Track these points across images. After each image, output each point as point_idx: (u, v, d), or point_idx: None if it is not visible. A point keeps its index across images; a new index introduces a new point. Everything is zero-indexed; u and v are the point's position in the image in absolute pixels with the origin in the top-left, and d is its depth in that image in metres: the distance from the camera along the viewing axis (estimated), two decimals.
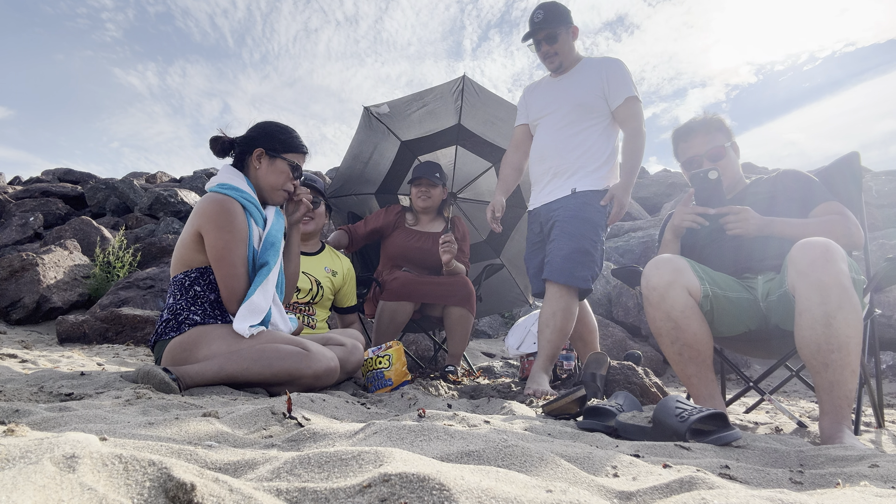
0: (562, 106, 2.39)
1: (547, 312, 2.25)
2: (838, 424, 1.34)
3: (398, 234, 2.95)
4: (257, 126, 1.86)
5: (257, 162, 1.81)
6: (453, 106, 3.12)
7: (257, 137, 1.82)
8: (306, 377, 1.64)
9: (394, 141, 3.38)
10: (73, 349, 3.06)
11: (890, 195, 6.22)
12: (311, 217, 2.42)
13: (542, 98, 2.49)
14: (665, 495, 0.65)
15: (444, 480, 0.54)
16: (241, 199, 1.71)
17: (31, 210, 7.62)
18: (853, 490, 0.71)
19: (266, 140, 1.82)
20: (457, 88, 3.02)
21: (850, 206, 1.78)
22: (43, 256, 4.70)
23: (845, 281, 1.38)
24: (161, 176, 11.56)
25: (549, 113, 2.43)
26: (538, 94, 2.52)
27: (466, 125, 3.21)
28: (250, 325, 1.64)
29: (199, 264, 1.71)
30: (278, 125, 1.87)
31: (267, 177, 1.81)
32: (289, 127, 1.88)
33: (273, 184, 1.82)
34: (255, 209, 1.76)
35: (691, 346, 1.59)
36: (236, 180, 1.76)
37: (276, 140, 1.82)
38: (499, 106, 3.08)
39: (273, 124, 1.86)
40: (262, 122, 1.88)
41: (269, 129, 1.84)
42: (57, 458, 0.49)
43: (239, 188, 1.74)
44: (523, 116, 2.58)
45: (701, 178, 1.76)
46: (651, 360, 4.10)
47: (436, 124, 3.27)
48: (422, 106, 3.16)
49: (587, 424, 1.30)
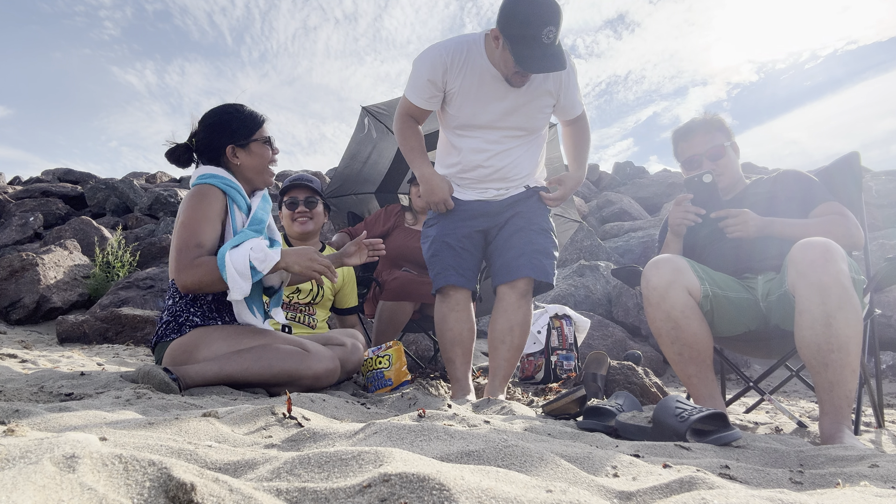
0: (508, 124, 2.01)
1: (503, 326, 1.94)
2: (838, 424, 1.34)
3: (398, 234, 2.95)
4: (208, 126, 1.76)
5: (234, 158, 1.76)
6: None
7: (219, 136, 1.75)
8: (306, 378, 1.64)
9: (393, 140, 3.38)
10: (73, 349, 3.06)
11: (890, 195, 6.22)
12: (310, 217, 2.42)
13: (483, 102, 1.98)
14: (665, 495, 0.65)
15: (444, 480, 0.54)
16: (221, 185, 1.69)
17: (31, 210, 7.62)
18: (853, 490, 0.71)
19: (228, 135, 1.75)
20: None
21: (851, 206, 1.78)
22: (43, 256, 4.70)
23: (845, 281, 1.38)
24: (161, 176, 11.56)
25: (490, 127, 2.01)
26: (479, 94, 1.96)
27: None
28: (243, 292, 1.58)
29: None
30: (227, 113, 1.76)
31: (249, 165, 1.78)
32: (235, 108, 1.78)
33: (257, 167, 1.79)
34: (237, 194, 1.73)
35: (691, 346, 1.59)
36: (216, 170, 1.74)
37: (236, 130, 1.75)
38: None
39: (222, 115, 1.76)
40: (209, 117, 1.77)
41: (224, 122, 1.75)
42: (57, 458, 0.49)
43: (221, 175, 1.72)
44: (419, 97, 1.99)
45: (696, 183, 1.77)
46: (651, 360, 4.10)
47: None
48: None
49: (587, 424, 1.30)
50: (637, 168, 11.69)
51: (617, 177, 11.25)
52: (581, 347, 3.17)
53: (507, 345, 1.95)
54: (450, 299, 1.99)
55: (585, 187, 9.86)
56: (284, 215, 2.46)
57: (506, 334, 1.95)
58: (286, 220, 2.46)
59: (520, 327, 1.96)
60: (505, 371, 1.95)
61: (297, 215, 2.41)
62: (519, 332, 1.95)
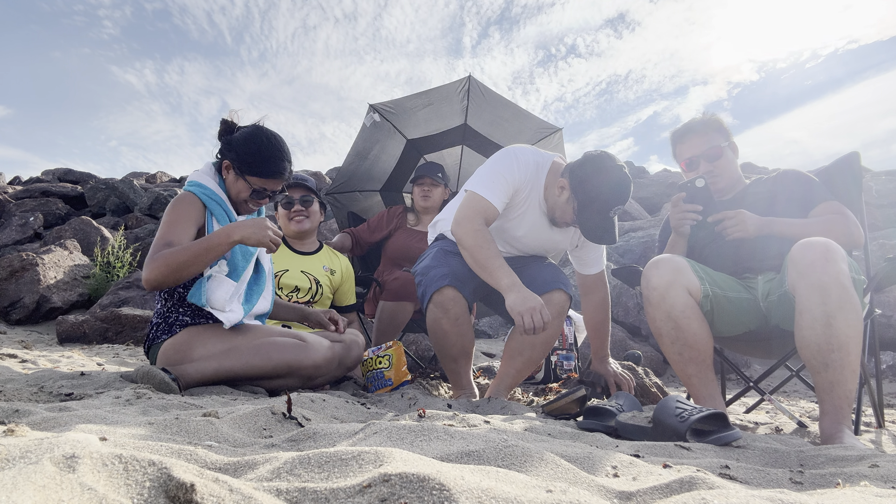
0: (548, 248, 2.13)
1: (525, 337, 1.82)
2: (838, 424, 1.34)
3: (399, 235, 2.95)
4: (242, 135, 1.77)
5: (226, 171, 1.80)
6: (459, 105, 3.12)
7: (233, 148, 1.76)
8: (306, 367, 1.64)
9: (399, 139, 3.38)
10: (73, 349, 3.06)
11: (890, 195, 6.22)
12: (306, 216, 2.42)
13: (530, 227, 2.02)
14: (665, 495, 0.65)
15: (444, 480, 0.54)
16: (201, 195, 1.72)
17: (31, 210, 7.62)
18: (853, 490, 0.71)
19: (235, 157, 1.76)
20: (462, 88, 3.02)
21: (851, 206, 1.78)
22: (43, 256, 4.70)
23: (845, 281, 1.38)
24: (161, 176, 11.56)
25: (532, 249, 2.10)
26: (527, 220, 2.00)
27: (472, 125, 3.21)
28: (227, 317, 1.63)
29: None
30: (255, 145, 1.75)
31: (231, 188, 1.80)
32: (265, 149, 1.75)
33: (236, 195, 1.80)
34: (217, 206, 1.74)
35: (691, 346, 1.59)
36: (205, 179, 1.76)
37: (244, 161, 1.75)
38: (504, 107, 3.08)
39: (250, 143, 1.75)
40: (251, 131, 1.78)
41: (243, 148, 1.75)
42: (57, 458, 0.49)
43: (204, 185, 1.74)
44: (500, 202, 1.89)
45: (689, 188, 1.79)
46: (651, 360, 4.10)
47: (442, 123, 3.27)
48: (427, 104, 3.15)
49: (587, 424, 1.30)
50: (637, 168, 11.69)
51: None
52: (581, 347, 3.17)
53: (525, 358, 1.90)
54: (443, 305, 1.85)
55: None
56: (281, 214, 2.46)
57: (525, 347, 1.89)
58: (282, 220, 2.46)
59: (542, 345, 1.90)
60: (513, 380, 1.92)
61: (293, 214, 2.41)
62: (540, 349, 1.90)
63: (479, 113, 3.14)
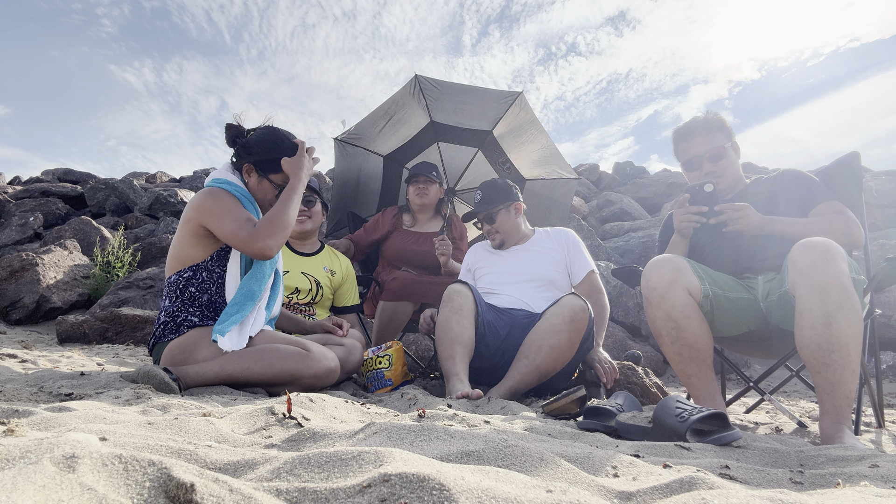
0: (528, 277, 2.26)
1: (533, 340, 1.91)
2: (838, 424, 1.34)
3: (396, 237, 2.95)
4: (258, 136, 1.80)
5: (247, 175, 1.81)
6: (419, 106, 3.14)
7: (252, 151, 1.78)
8: (306, 377, 1.64)
9: (376, 159, 3.43)
10: (73, 349, 3.06)
11: (890, 195, 6.22)
12: (308, 216, 2.43)
13: (495, 266, 2.33)
14: (665, 495, 0.65)
15: (444, 480, 0.54)
16: (234, 192, 1.73)
17: (30, 210, 7.61)
18: (853, 490, 0.71)
19: (256, 159, 1.78)
20: (415, 90, 3.04)
21: (851, 206, 1.78)
22: (43, 256, 4.70)
23: (845, 281, 1.38)
24: (161, 176, 11.55)
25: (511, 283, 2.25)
26: (488, 262, 2.37)
27: (438, 119, 3.22)
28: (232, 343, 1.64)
29: (192, 262, 1.72)
30: (274, 142, 1.78)
31: (255, 191, 1.82)
32: (284, 145, 1.79)
33: (261, 199, 1.83)
34: (248, 203, 1.76)
35: (691, 346, 1.59)
36: (231, 177, 1.78)
37: (266, 161, 1.77)
38: (461, 91, 3.09)
39: (269, 143, 1.78)
40: (266, 131, 1.81)
41: (263, 147, 1.78)
42: (57, 458, 0.49)
43: (233, 183, 1.76)
44: (467, 275, 2.41)
45: (697, 192, 1.78)
46: (651, 360, 4.10)
47: (409, 129, 3.30)
48: (388, 118, 3.19)
49: (587, 424, 1.30)
50: (637, 168, 11.69)
51: (617, 177, 11.24)
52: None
53: (529, 361, 1.89)
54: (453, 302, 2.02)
55: (585, 187, 9.85)
56: None
57: (531, 350, 1.89)
58: None
59: (549, 349, 1.88)
60: (516, 383, 1.89)
61: None
62: (546, 353, 1.88)
63: (439, 106, 3.15)
